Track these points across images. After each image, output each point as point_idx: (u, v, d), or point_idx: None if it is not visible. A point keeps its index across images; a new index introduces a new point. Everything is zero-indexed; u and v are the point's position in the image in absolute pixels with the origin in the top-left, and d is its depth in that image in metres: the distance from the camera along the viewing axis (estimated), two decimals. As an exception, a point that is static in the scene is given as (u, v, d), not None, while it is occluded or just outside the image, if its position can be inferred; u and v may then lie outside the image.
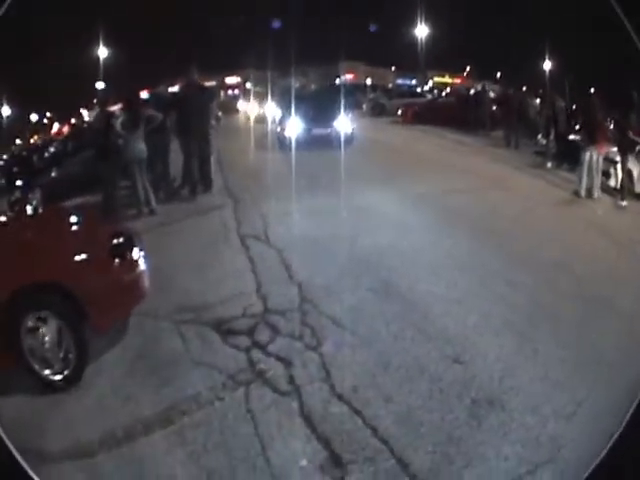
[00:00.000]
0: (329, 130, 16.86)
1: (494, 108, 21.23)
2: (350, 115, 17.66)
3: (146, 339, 6.27)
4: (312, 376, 5.38)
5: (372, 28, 23.00)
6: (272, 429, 4.72)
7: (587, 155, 12.55)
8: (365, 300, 6.88)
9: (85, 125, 19.19)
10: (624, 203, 11.98)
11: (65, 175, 12.96)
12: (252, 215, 10.25)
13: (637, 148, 12.61)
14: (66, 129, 21.23)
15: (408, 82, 30.35)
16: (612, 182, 12.97)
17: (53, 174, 13.33)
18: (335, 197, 10.90)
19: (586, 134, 13.05)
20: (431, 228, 9.45)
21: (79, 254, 5.82)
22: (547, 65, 23.38)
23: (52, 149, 16.20)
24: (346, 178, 11.62)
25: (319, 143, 15.80)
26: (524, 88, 22.05)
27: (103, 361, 5.92)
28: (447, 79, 31.74)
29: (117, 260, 5.95)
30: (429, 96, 26.49)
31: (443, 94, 27.55)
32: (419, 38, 23.93)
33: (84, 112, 21.58)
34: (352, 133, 17.02)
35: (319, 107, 18.15)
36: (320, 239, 8.88)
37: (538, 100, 20.63)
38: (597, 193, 12.47)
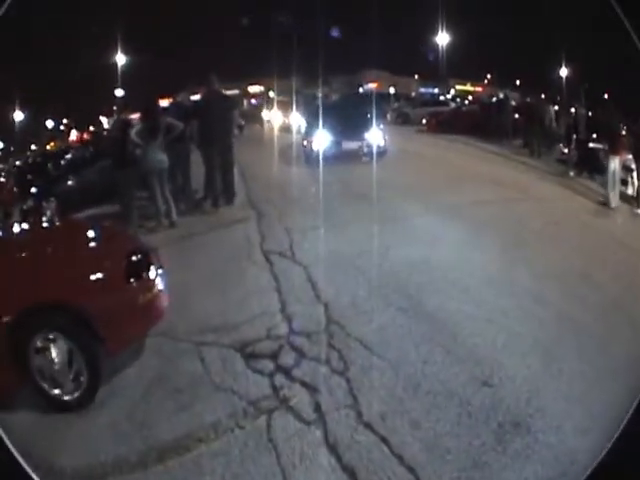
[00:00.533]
0: (360, 143, 15.92)
1: (516, 116, 21.07)
2: (382, 126, 16.71)
3: (164, 361, 6.04)
4: (338, 402, 5.12)
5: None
6: (295, 459, 4.48)
7: (612, 164, 12.43)
8: (394, 320, 6.59)
9: (104, 133, 19.00)
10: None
11: (82, 184, 12.74)
12: (276, 230, 10.00)
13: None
14: (84, 137, 21.07)
15: (431, 90, 30.21)
16: (629, 190, 12.84)
17: (69, 183, 13.10)
18: (363, 210, 10.68)
19: (607, 142, 13.15)
20: (460, 241, 9.15)
21: (91, 273, 5.57)
22: (563, 72, 23.12)
23: (69, 157, 15.96)
24: (373, 190, 11.29)
25: (349, 157, 15.25)
26: (542, 96, 21.77)
27: (118, 382, 5.71)
28: (469, 87, 31.61)
29: (132, 280, 5.68)
30: (452, 104, 26.21)
31: (466, 102, 27.28)
32: (440, 46, 23.65)
33: (103, 120, 21.46)
34: (385, 146, 16.03)
35: (347, 118, 17.02)
36: (347, 255, 8.60)
37: (555, 107, 20.49)
38: (615, 202, 12.26)
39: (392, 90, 27.08)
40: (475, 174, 14.22)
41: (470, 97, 29.59)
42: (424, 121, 22.92)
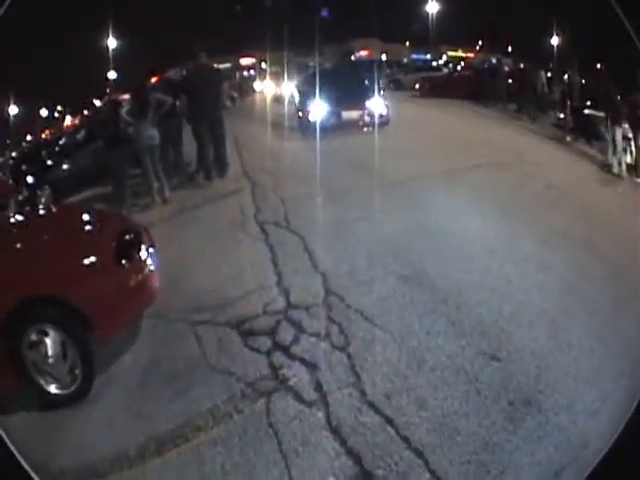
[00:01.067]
0: (361, 112, 14.95)
1: (509, 82, 20.95)
2: (383, 93, 16.16)
3: (158, 344, 5.80)
4: (340, 381, 4.88)
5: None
6: (297, 445, 4.25)
7: (616, 132, 12.43)
8: (395, 290, 6.31)
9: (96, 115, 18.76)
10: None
11: (75, 168, 12.41)
12: (271, 200, 9.75)
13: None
14: (78, 122, 20.75)
15: (423, 57, 30.00)
16: (628, 159, 12.55)
17: (64, 168, 12.80)
18: (361, 177, 10.43)
19: (608, 111, 13.09)
20: (461, 207, 8.88)
21: (81, 261, 5.33)
22: (555, 40, 23.00)
23: (62, 142, 15.68)
24: (371, 155, 11.01)
25: (349, 127, 14.32)
26: (534, 62, 21.69)
27: (114, 371, 5.49)
28: (461, 53, 31.37)
29: (124, 262, 5.44)
30: (445, 70, 25.93)
31: (458, 68, 27.02)
32: (430, 14, 23.35)
33: (97, 103, 21.16)
34: (387, 115, 14.99)
35: (346, 86, 16.05)
36: (345, 222, 8.35)
37: (548, 74, 20.43)
38: (620, 170, 12.23)
39: (384, 57, 26.92)
40: (473, 138, 13.86)
41: (462, 63, 29.47)
42: (417, 86, 22.89)
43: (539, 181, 10.37)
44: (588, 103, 15.67)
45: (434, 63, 28.02)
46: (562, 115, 17.22)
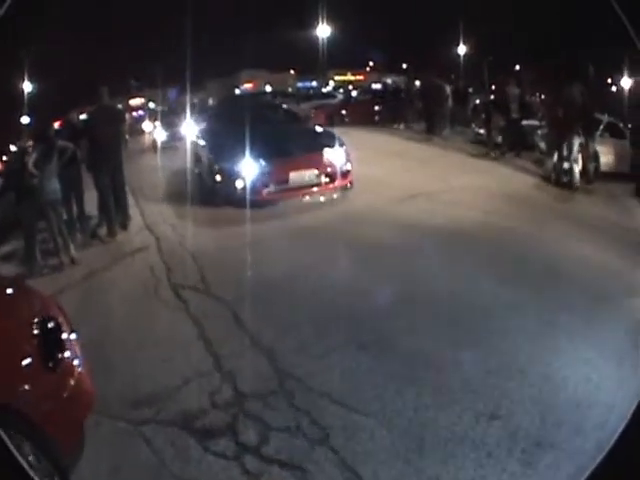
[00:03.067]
0: (318, 171, 11.76)
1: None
2: (342, 141, 12.47)
3: (112, 449, 4.97)
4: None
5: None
6: None
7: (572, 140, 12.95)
8: (359, 362, 5.85)
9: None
10: (589, 186, 12.92)
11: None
12: (181, 257, 9.26)
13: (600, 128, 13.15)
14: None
15: (309, 84, 30.20)
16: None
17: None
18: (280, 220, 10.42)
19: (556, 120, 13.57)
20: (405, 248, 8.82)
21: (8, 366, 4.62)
22: (462, 49, 23.54)
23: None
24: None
25: (296, 194, 11.77)
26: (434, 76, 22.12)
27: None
28: (349, 77, 31.75)
29: (50, 364, 4.74)
30: (340, 96, 25.97)
31: (354, 93, 27.21)
32: (321, 38, 23.37)
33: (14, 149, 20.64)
34: (351, 173, 12.12)
35: (285, 130, 13.44)
36: (274, 281, 7.88)
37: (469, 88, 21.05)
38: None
39: (268, 88, 26.96)
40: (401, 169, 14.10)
41: (350, 86, 29.76)
42: (312, 116, 22.33)
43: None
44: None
45: (323, 90, 28.19)
46: (482, 130, 17.56)
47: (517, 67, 22.24)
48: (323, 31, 23.33)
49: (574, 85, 13.43)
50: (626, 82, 22.25)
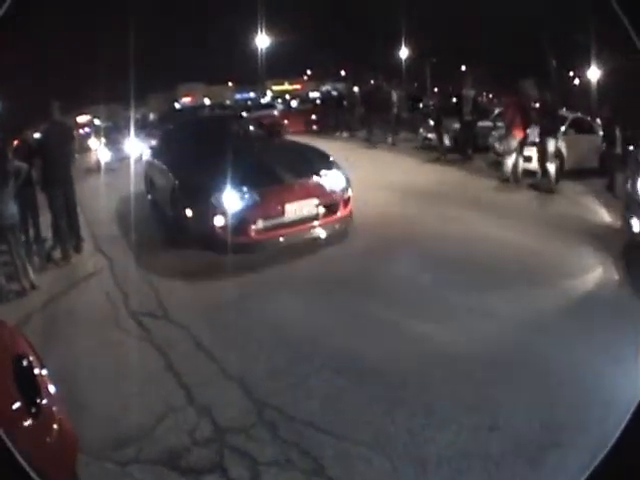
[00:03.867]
0: (317, 201, 9.54)
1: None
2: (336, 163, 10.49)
3: None
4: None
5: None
6: None
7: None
8: (338, 387, 5.59)
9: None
10: (552, 185, 13.00)
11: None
12: (136, 281, 8.93)
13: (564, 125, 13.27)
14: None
15: (247, 95, 30.18)
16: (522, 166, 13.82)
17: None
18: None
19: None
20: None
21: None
22: (404, 53, 23.50)
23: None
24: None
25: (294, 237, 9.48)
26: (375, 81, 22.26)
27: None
28: (287, 86, 31.79)
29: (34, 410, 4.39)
30: (279, 106, 25.84)
31: (294, 103, 27.16)
32: (259, 48, 23.25)
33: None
34: (350, 202, 10.12)
35: (261, 150, 11.39)
36: (229, 301, 7.76)
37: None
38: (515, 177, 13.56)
39: (207, 101, 26.83)
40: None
41: (287, 96, 29.78)
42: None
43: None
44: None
45: (262, 100, 28.17)
46: (430, 135, 17.58)
47: (463, 68, 22.23)
48: (262, 41, 23.23)
49: (530, 82, 13.55)
50: (593, 73, 21.56)
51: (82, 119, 24.41)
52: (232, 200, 9.16)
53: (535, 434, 4.69)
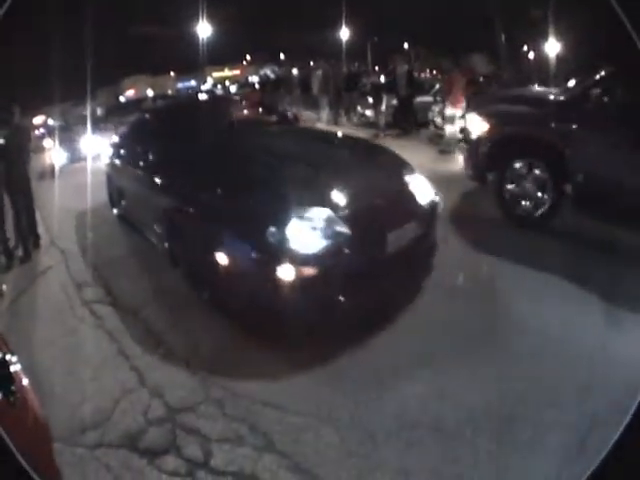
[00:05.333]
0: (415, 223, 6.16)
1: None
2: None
3: (79, 474, 4.62)
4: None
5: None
6: None
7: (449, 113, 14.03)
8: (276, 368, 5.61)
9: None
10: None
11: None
12: (87, 272, 8.92)
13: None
14: None
15: (188, 84, 29.99)
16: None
17: None
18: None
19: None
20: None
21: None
22: (345, 34, 23.40)
23: None
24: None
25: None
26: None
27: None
28: (226, 72, 31.64)
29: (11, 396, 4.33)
30: (219, 92, 25.86)
31: (233, 88, 27.15)
32: (201, 37, 23.03)
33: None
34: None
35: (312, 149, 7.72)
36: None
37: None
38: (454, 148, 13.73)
39: (150, 92, 26.59)
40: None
41: (227, 82, 29.68)
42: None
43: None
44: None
45: (203, 88, 28.07)
46: (368, 112, 17.69)
47: (406, 45, 22.26)
48: (203, 29, 23.01)
49: (477, 57, 13.77)
50: (552, 47, 19.99)
51: (37, 120, 24.25)
52: (306, 236, 5.42)
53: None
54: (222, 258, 5.83)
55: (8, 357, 4.29)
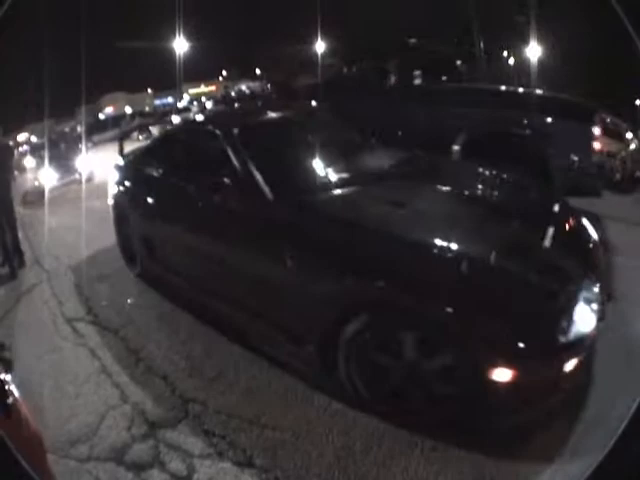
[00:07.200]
0: None
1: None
2: None
3: None
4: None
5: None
6: None
7: None
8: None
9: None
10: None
11: None
12: (69, 290, 8.96)
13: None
14: None
15: (165, 101, 29.95)
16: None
17: None
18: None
19: None
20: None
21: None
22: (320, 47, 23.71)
23: None
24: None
25: None
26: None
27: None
28: (202, 89, 31.67)
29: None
30: (195, 109, 25.86)
31: (208, 104, 27.17)
32: (178, 54, 23.00)
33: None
34: None
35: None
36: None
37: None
38: None
39: (128, 109, 26.53)
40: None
41: (203, 98, 29.70)
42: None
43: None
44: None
45: (179, 104, 28.03)
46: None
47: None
48: (180, 45, 22.95)
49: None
50: (533, 51, 18.78)
51: (21, 137, 24.08)
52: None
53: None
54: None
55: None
